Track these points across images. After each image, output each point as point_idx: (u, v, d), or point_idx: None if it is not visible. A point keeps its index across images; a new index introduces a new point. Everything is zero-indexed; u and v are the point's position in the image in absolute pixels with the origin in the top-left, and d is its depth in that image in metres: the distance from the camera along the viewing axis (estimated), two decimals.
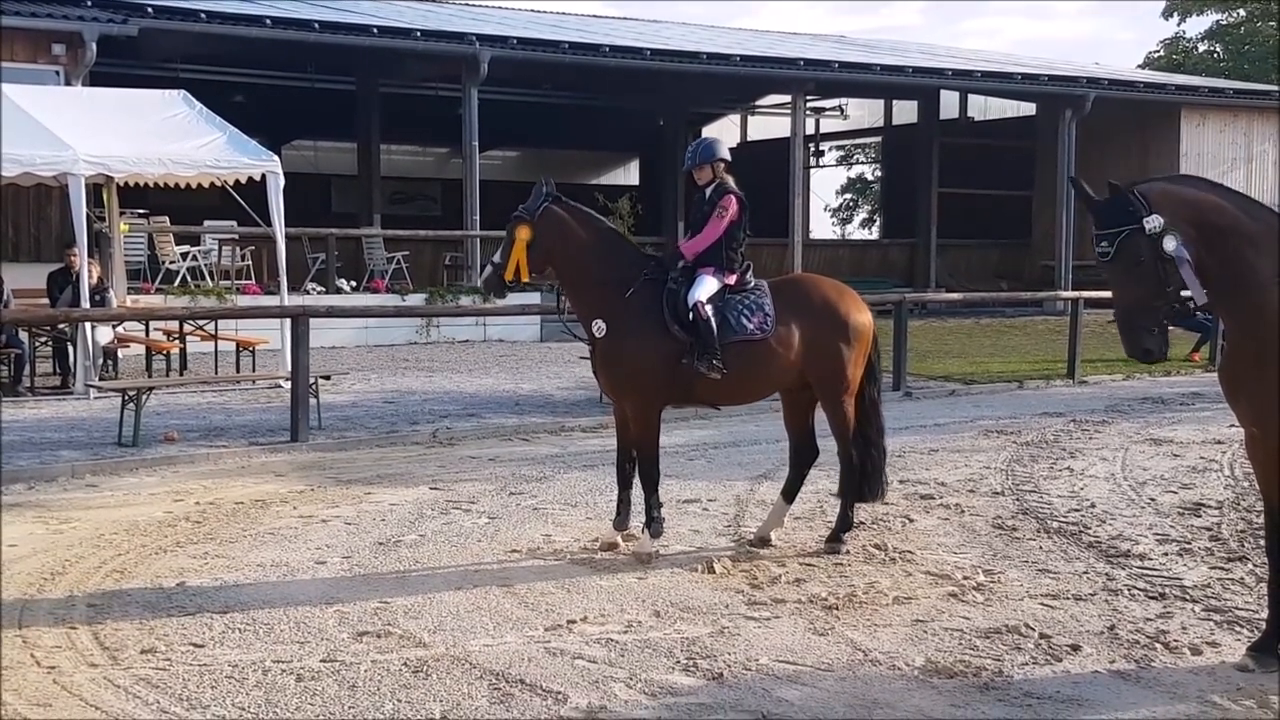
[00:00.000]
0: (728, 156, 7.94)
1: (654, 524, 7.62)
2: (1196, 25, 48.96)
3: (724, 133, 38.41)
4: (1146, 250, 5.43)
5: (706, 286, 7.60)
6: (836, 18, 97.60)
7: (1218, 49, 48.17)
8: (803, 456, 8.09)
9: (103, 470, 10.17)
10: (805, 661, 5.73)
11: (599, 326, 7.56)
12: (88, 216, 14.84)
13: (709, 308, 7.52)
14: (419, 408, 13.58)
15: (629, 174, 38.67)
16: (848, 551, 7.61)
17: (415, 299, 21.32)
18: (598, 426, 12.77)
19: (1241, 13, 47.62)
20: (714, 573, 7.18)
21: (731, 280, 7.72)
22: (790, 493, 8.07)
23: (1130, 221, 5.45)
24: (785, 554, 7.63)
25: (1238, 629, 6.18)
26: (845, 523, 7.83)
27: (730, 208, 7.74)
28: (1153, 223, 5.42)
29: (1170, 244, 5.42)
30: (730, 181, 7.88)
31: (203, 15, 20.99)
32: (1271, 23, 46.14)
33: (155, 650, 5.79)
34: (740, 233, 7.80)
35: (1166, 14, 48.47)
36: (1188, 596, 6.74)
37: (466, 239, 23.24)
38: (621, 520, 7.83)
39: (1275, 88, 33.49)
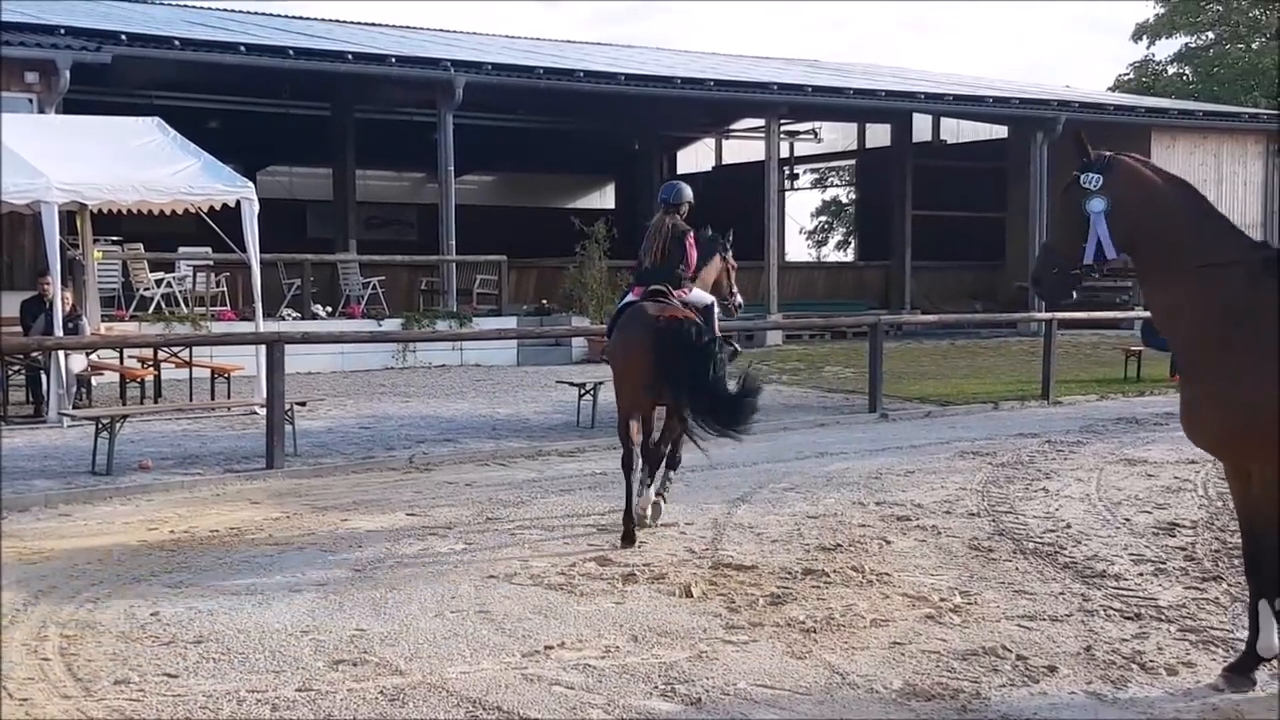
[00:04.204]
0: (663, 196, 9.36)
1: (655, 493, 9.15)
2: (1166, 48, 49.45)
3: (698, 156, 38.65)
4: (1075, 201, 5.64)
5: None
6: (808, 34, 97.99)
7: (1187, 71, 48.63)
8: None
9: (76, 499, 10.10)
10: (783, 685, 5.73)
11: None
12: (61, 244, 14.78)
13: None
14: (395, 433, 13.55)
15: (604, 198, 38.79)
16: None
17: (391, 324, 21.29)
18: (574, 450, 12.78)
19: (1210, 35, 48.10)
20: (691, 596, 7.18)
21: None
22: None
23: (1079, 170, 5.67)
24: (763, 577, 7.63)
25: (1213, 649, 6.20)
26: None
27: None
28: (1089, 181, 5.60)
29: (1098, 205, 5.57)
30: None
31: (177, 42, 20.98)
32: (1240, 45, 46.61)
33: (129, 681, 5.74)
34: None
35: (1136, 36, 48.92)
36: (1163, 617, 6.76)
37: (442, 264, 23.22)
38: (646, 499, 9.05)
39: (1244, 110, 33.81)
